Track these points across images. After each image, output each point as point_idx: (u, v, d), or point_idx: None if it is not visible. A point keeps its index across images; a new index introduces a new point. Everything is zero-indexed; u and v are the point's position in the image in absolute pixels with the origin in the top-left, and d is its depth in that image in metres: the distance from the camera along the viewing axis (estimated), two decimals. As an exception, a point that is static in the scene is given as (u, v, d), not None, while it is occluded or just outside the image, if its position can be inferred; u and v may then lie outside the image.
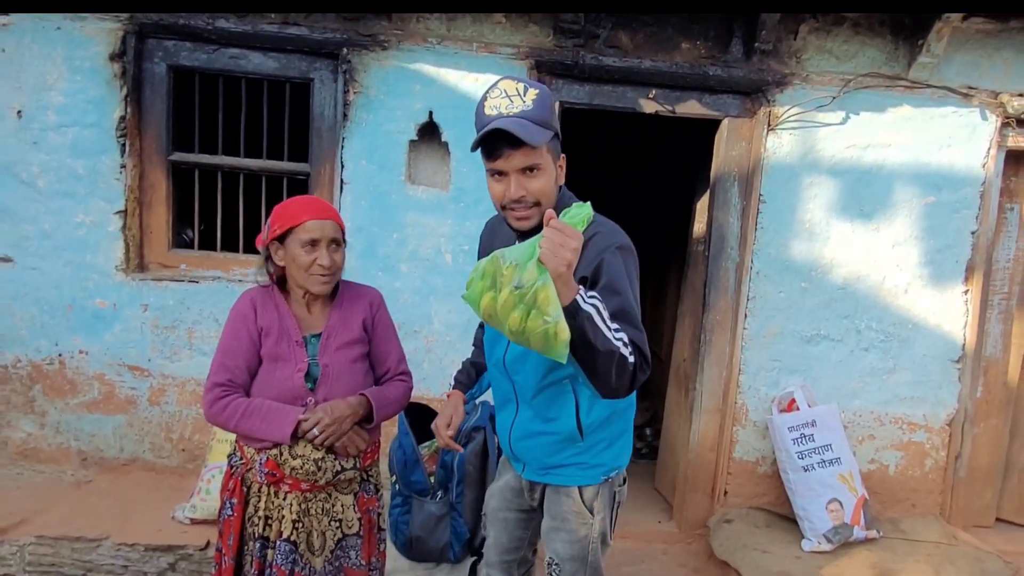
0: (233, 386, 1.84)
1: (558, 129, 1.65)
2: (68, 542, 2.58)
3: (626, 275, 1.61)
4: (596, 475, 1.79)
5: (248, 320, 1.88)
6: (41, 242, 2.99)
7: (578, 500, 1.80)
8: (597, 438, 1.77)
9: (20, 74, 2.89)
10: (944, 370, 3.26)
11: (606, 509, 1.83)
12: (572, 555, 1.83)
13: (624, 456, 1.85)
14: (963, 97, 3.09)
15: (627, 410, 1.82)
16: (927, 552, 2.94)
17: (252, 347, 1.87)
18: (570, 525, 1.81)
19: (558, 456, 1.79)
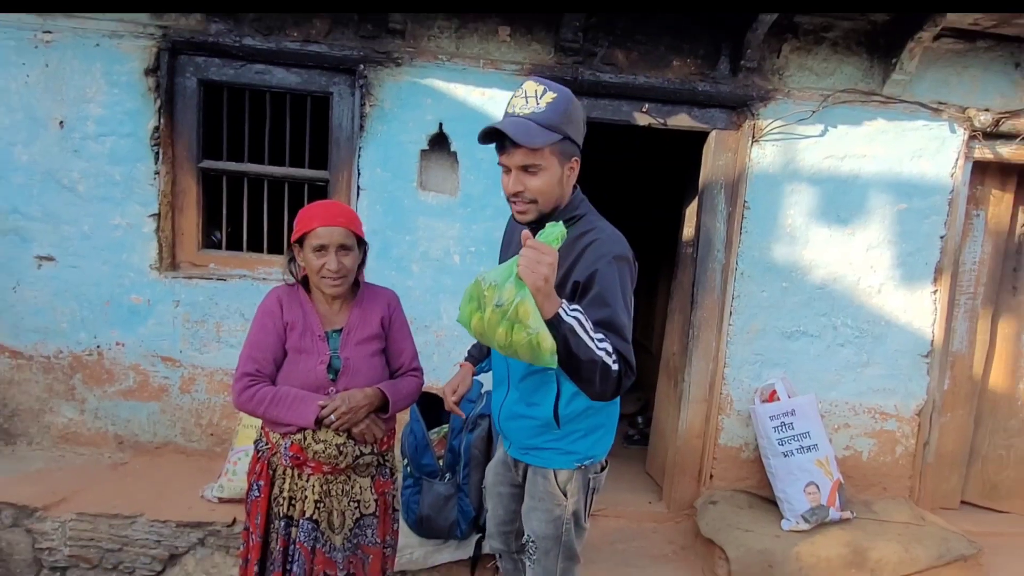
0: (260, 376, 1.84)
1: (571, 133, 1.61)
2: (106, 519, 2.59)
3: (619, 286, 1.59)
4: (570, 461, 1.79)
5: (274, 315, 1.88)
6: (81, 243, 2.98)
7: (553, 482, 1.81)
8: (572, 428, 1.77)
9: (62, 87, 2.88)
10: (914, 364, 3.25)
11: (580, 493, 1.83)
12: (547, 533, 1.85)
13: (599, 447, 1.84)
14: (933, 112, 3.08)
15: (605, 408, 1.80)
16: (897, 532, 2.94)
17: (278, 340, 1.87)
18: (545, 505, 1.83)
19: (537, 439, 1.81)
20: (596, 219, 1.73)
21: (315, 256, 1.82)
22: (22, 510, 2.58)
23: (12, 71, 2.86)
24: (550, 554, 1.88)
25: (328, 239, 1.80)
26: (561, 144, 1.60)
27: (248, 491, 1.94)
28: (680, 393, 3.34)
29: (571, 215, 1.68)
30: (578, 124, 1.64)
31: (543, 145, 1.57)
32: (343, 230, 1.82)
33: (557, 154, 1.61)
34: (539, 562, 1.90)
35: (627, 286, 1.61)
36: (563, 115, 1.60)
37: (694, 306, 3.24)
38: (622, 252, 1.63)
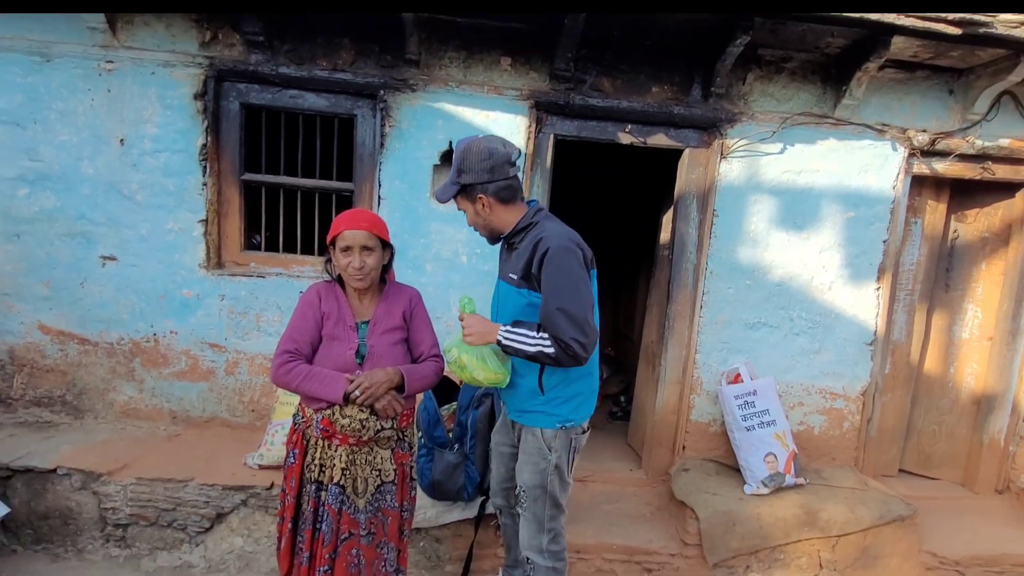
0: (298, 355, 1.85)
1: (465, 181, 1.84)
2: (161, 482, 2.61)
3: (563, 272, 1.75)
4: (553, 422, 1.93)
5: (314, 306, 1.90)
6: (139, 244, 2.98)
7: (540, 439, 1.95)
8: (554, 395, 1.92)
9: (122, 110, 2.87)
10: (859, 351, 3.25)
11: (563, 450, 1.95)
12: (534, 483, 1.97)
13: (579, 413, 1.96)
14: (878, 132, 3.08)
15: (580, 380, 1.93)
16: (844, 495, 2.95)
17: (315, 327, 1.89)
18: (534, 459, 1.96)
19: (527, 403, 1.96)
20: (547, 223, 1.88)
21: (343, 255, 1.85)
22: (89, 475, 2.60)
23: (79, 95, 2.85)
24: (538, 502, 1.99)
25: (352, 241, 1.83)
26: (461, 192, 1.88)
27: (285, 458, 1.96)
28: (657, 376, 3.33)
29: (521, 229, 1.89)
30: (472, 169, 1.83)
31: (449, 198, 1.90)
32: (366, 233, 1.84)
33: (464, 199, 1.90)
34: (529, 509, 2.01)
35: (571, 267, 1.76)
36: (457, 170, 1.85)
37: (670, 301, 3.23)
38: (561, 244, 1.78)
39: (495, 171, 1.83)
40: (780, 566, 2.81)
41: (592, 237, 5.13)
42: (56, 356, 3.04)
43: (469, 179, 1.83)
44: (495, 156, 1.82)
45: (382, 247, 1.90)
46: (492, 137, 1.89)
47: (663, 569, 2.77)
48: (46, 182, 2.90)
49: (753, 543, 2.75)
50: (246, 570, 2.61)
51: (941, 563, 2.85)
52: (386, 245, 1.92)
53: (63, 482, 2.60)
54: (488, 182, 1.83)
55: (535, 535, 2.04)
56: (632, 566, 2.76)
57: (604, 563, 2.76)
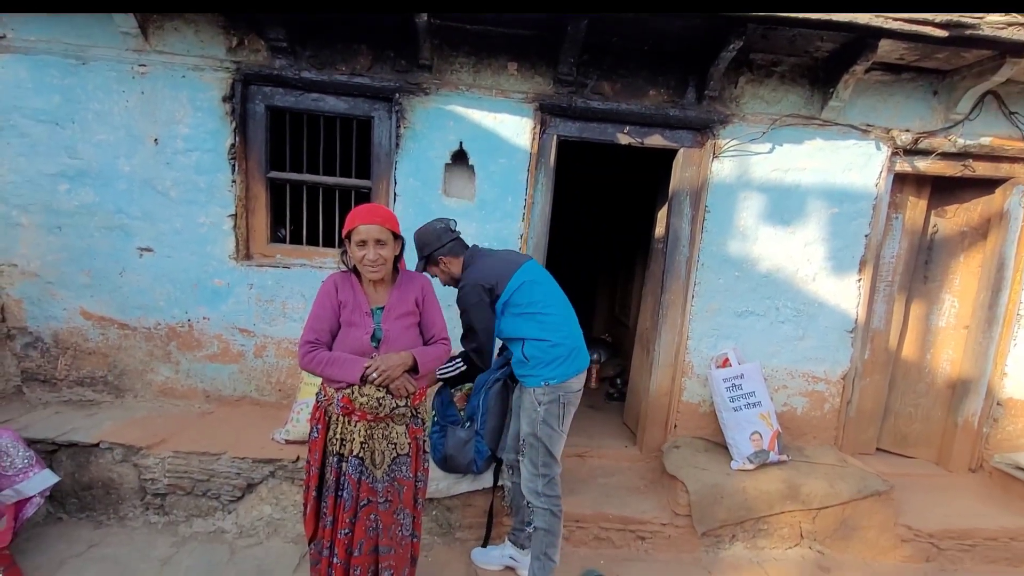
0: (319, 343, 1.89)
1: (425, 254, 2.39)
2: (196, 455, 2.65)
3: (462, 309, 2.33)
4: (539, 381, 2.28)
5: (331, 296, 1.93)
6: (174, 237, 3.00)
7: (532, 395, 2.29)
8: (535, 361, 2.28)
9: (156, 111, 2.88)
10: (840, 338, 3.25)
11: (550, 404, 2.28)
12: (529, 431, 2.31)
13: (558, 371, 2.27)
14: (862, 132, 3.06)
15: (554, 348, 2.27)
16: (824, 472, 2.97)
17: (333, 315, 1.92)
18: (528, 411, 2.31)
19: (520, 369, 2.34)
20: (469, 268, 2.36)
21: (358, 248, 1.87)
22: (130, 449, 2.66)
23: (114, 97, 2.86)
24: (533, 447, 2.31)
25: (366, 235, 1.84)
26: (425, 263, 2.39)
27: (309, 433, 2.01)
28: (651, 360, 3.34)
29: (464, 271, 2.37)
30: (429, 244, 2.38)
31: (421, 271, 2.37)
32: (379, 227, 1.85)
33: (431, 265, 2.41)
34: (527, 455, 2.34)
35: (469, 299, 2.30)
36: (418, 250, 2.40)
37: (663, 290, 3.23)
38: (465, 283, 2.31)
39: (441, 237, 2.37)
40: (764, 535, 2.87)
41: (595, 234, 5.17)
42: (97, 340, 3.08)
43: (429, 250, 2.37)
44: (437, 229, 2.38)
45: (393, 239, 1.91)
46: (432, 220, 2.45)
47: (655, 537, 2.82)
48: (85, 178, 2.91)
49: (739, 514, 2.80)
50: (274, 535, 2.67)
51: (916, 535, 2.88)
52: (397, 237, 1.93)
53: (105, 455, 2.66)
54: (440, 246, 2.37)
55: (532, 478, 2.32)
56: (627, 534, 2.82)
57: (601, 531, 2.81)
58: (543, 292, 2.34)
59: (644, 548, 2.83)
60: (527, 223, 3.07)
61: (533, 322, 2.29)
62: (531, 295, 2.30)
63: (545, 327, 2.29)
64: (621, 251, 5.16)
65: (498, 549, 2.63)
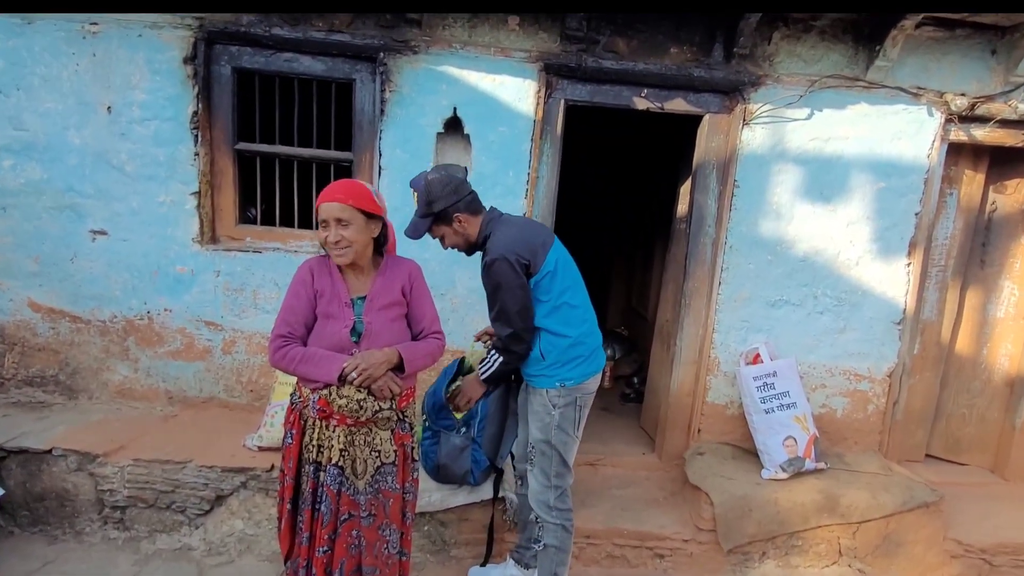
0: (292, 338, 1.86)
1: (436, 209, 2.10)
2: (159, 464, 2.61)
3: (492, 283, 2.10)
4: (554, 382, 2.22)
5: (306, 284, 1.90)
6: (130, 218, 2.96)
7: (545, 398, 2.24)
8: (554, 359, 2.20)
9: (109, 75, 2.82)
10: (887, 330, 3.20)
11: (566, 408, 2.23)
12: (542, 438, 2.26)
13: (576, 372, 2.22)
14: (913, 96, 2.98)
15: (574, 347, 2.21)
16: (866, 481, 2.94)
17: (309, 306, 1.89)
18: (540, 415, 2.26)
19: (532, 368, 2.26)
20: (494, 234, 2.15)
21: (322, 229, 1.85)
22: (85, 456, 2.61)
23: (63, 60, 2.80)
24: (545, 456, 2.27)
25: (327, 213, 1.82)
26: (434, 220, 2.13)
27: (283, 439, 1.97)
28: (672, 356, 3.32)
29: (482, 241, 2.19)
30: (441, 196, 2.10)
31: (424, 232, 2.14)
32: (338, 204, 1.81)
33: (440, 224, 2.16)
34: (537, 464, 2.29)
35: (502, 277, 2.07)
36: (426, 203, 2.11)
37: (686, 277, 3.20)
38: (494, 257, 2.08)
39: (459, 190, 2.14)
40: (798, 552, 2.84)
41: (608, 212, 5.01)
42: (47, 334, 3.06)
43: (442, 204, 2.11)
44: (454, 179, 2.14)
45: (366, 219, 1.86)
46: (440, 167, 2.27)
47: (676, 555, 2.80)
48: (32, 152, 2.87)
49: (770, 529, 2.76)
50: (247, 553, 2.64)
51: (966, 551, 2.85)
52: (372, 217, 1.87)
53: (59, 463, 2.62)
54: (458, 200, 2.13)
55: (543, 490, 2.29)
56: (643, 552, 2.79)
57: (615, 548, 2.78)
58: (571, 279, 2.25)
59: (663, 567, 2.81)
60: (531, 200, 3.01)
61: (556, 314, 2.19)
62: (562, 282, 2.20)
63: (569, 321, 2.21)
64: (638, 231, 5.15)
65: (499, 568, 2.61)
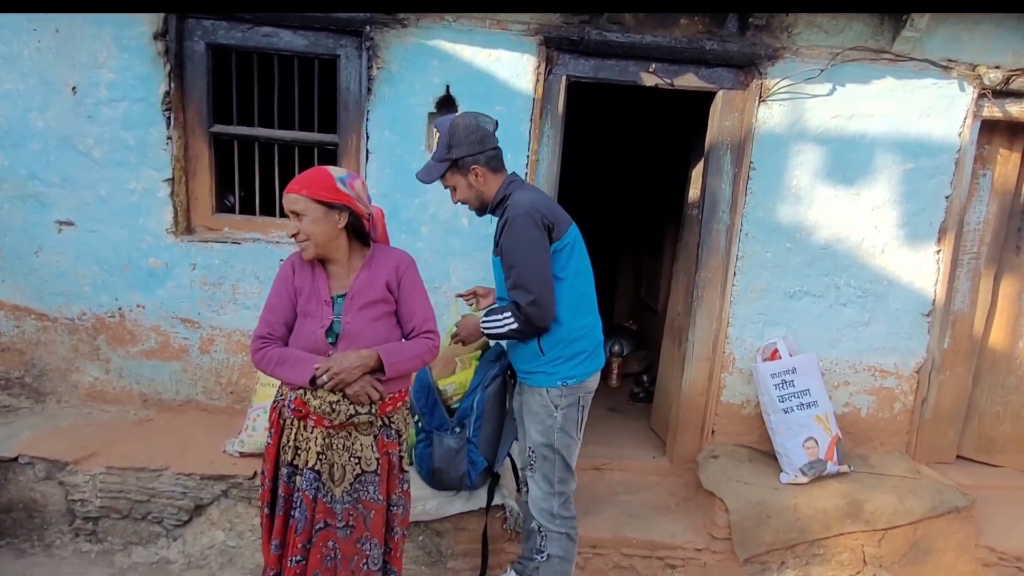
0: (271, 339, 1.89)
1: (456, 155, 2.08)
2: (134, 472, 2.62)
3: (516, 241, 2.04)
4: (555, 380, 2.18)
5: (287, 280, 1.93)
6: (99, 207, 2.96)
7: (545, 398, 2.21)
8: (555, 355, 2.17)
9: (74, 52, 2.82)
10: (915, 323, 3.21)
11: (568, 408, 2.20)
12: (543, 441, 2.24)
13: (580, 369, 2.20)
14: (943, 69, 2.97)
15: (578, 340, 2.19)
16: (893, 484, 2.94)
17: (290, 304, 1.92)
18: (540, 417, 2.23)
19: (529, 364, 2.23)
20: (516, 194, 2.12)
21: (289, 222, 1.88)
22: (54, 464, 2.62)
23: (24, 37, 2.80)
24: (547, 461, 2.26)
25: (287, 206, 1.84)
26: (453, 165, 2.10)
27: (267, 438, 2.00)
28: (684, 352, 3.33)
29: (499, 201, 2.14)
30: (463, 142, 2.07)
31: (437, 177, 2.13)
32: (293, 195, 1.83)
33: (455, 173, 2.12)
34: (539, 470, 2.28)
35: (525, 234, 2.03)
36: (446, 146, 2.08)
37: (698, 267, 3.20)
38: (518, 212, 2.03)
39: (484, 141, 2.11)
40: (819, 562, 2.84)
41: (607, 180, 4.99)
42: (12, 333, 3.07)
43: (461, 152, 2.08)
44: (481, 128, 2.11)
45: (326, 208, 1.83)
46: (471, 112, 2.16)
47: (688, 565, 2.80)
48: None
49: (789, 537, 2.77)
50: (229, 566, 2.64)
51: (1000, 558, 2.86)
52: (332, 206, 1.83)
53: (26, 472, 2.63)
54: (480, 152, 2.10)
55: (546, 497, 2.28)
56: (653, 562, 2.79)
57: (623, 558, 2.79)
58: (585, 264, 2.23)
59: None
60: None
61: (568, 297, 2.14)
62: (578, 262, 2.17)
63: (579, 309, 2.18)
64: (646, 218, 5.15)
65: None
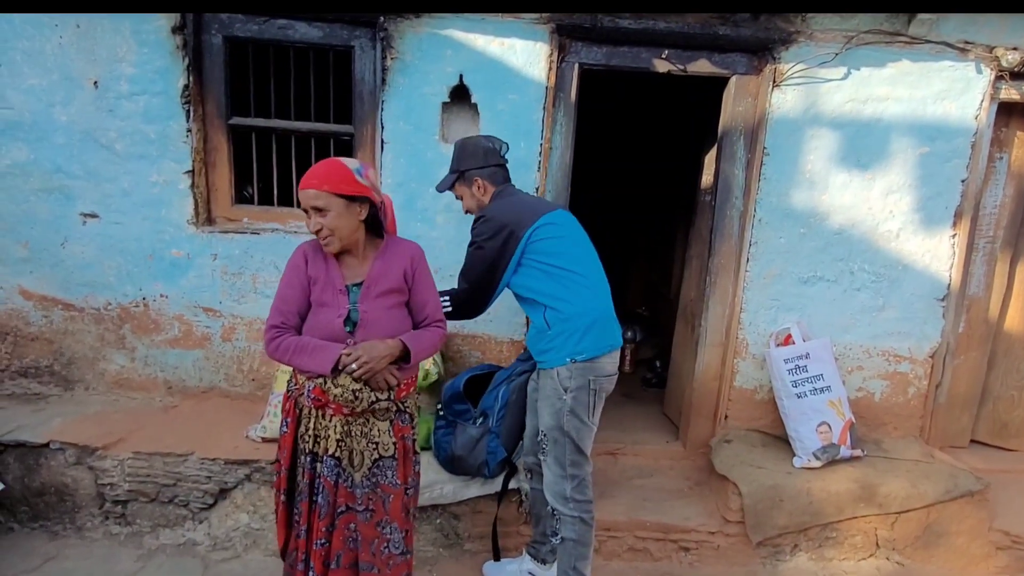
0: (285, 327, 1.90)
1: (462, 167, 2.41)
2: (160, 456, 2.70)
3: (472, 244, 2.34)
4: (563, 357, 2.25)
5: (300, 270, 1.94)
6: (122, 200, 3.02)
7: (556, 380, 2.27)
8: (559, 329, 2.26)
9: (94, 47, 2.86)
10: (929, 307, 3.21)
11: (578, 391, 2.25)
12: (553, 424, 2.29)
13: (585, 343, 2.26)
14: (960, 52, 2.96)
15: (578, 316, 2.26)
16: (906, 469, 2.96)
17: (303, 294, 1.93)
18: (550, 400, 2.29)
19: (539, 343, 2.33)
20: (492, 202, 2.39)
21: (306, 217, 1.90)
22: (84, 449, 2.71)
23: (46, 32, 2.84)
24: (558, 444, 2.30)
25: (305, 202, 1.85)
26: (458, 178, 2.43)
27: (280, 427, 2.05)
28: (697, 337, 3.35)
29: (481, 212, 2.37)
30: (467, 157, 2.42)
31: (447, 187, 2.47)
32: (313, 192, 1.83)
33: (462, 184, 2.44)
34: (550, 453, 2.33)
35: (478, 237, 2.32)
36: (456, 160, 2.45)
37: (711, 253, 3.22)
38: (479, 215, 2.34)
39: (488, 157, 2.41)
40: (832, 545, 2.89)
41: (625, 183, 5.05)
42: (40, 323, 3.15)
43: (465, 165, 2.40)
44: (484, 146, 2.42)
45: (347, 202, 1.86)
46: (484, 135, 2.52)
47: (702, 548, 2.85)
48: (17, 132, 2.93)
49: (802, 520, 2.81)
50: (253, 548, 2.74)
51: (1014, 542, 2.89)
52: (353, 199, 1.87)
53: (57, 457, 2.71)
54: (483, 167, 2.40)
55: (558, 480, 2.32)
56: (667, 544, 2.85)
57: (637, 541, 2.85)
58: (571, 244, 2.35)
59: (688, 560, 2.87)
60: (544, 174, 3.04)
61: (555, 279, 2.28)
62: (557, 245, 2.30)
63: (570, 287, 2.28)
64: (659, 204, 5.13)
65: (515, 563, 2.68)
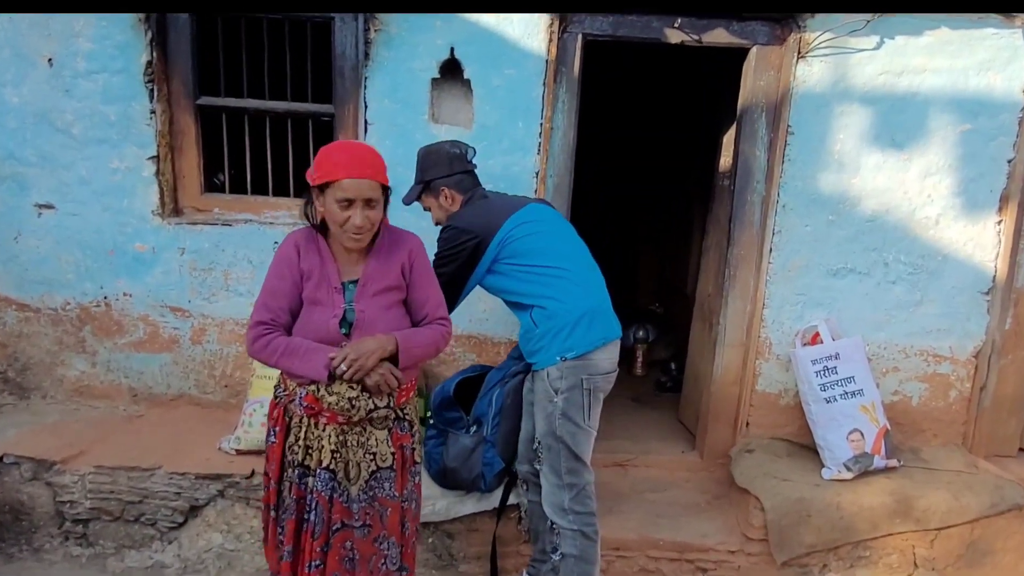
0: (275, 325, 1.86)
1: (427, 177, 2.40)
2: (124, 471, 2.64)
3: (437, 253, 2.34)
4: (553, 356, 2.24)
5: (291, 263, 1.89)
6: (80, 188, 2.99)
7: (546, 382, 2.27)
8: (545, 328, 2.25)
9: (48, 21, 2.83)
10: (973, 302, 3.12)
11: (570, 392, 2.24)
12: (546, 430, 2.30)
13: (572, 342, 2.23)
14: (1004, 18, 2.82)
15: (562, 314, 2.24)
16: (947, 480, 2.89)
17: (294, 289, 1.89)
18: (543, 403, 2.30)
19: (529, 343, 2.32)
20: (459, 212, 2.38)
21: (339, 208, 1.79)
22: (41, 464, 2.65)
23: None
24: (552, 450, 2.29)
25: (356, 193, 1.78)
26: (424, 189, 2.42)
27: (266, 437, 1.99)
28: (715, 337, 3.29)
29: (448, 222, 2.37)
30: (431, 167, 2.40)
31: (414, 199, 2.46)
32: (370, 183, 1.79)
33: (428, 196, 2.43)
34: (546, 462, 2.33)
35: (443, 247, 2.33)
36: (420, 170, 2.44)
37: (731, 243, 3.14)
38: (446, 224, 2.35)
39: (453, 164, 2.38)
40: (865, 564, 2.83)
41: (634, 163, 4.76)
42: None
43: (431, 175, 2.39)
44: (448, 153, 2.40)
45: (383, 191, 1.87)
46: (447, 140, 2.52)
47: (721, 568, 2.80)
48: None
49: (832, 537, 2.76)
50: (227, 570, 2.69)
51: None
52: (386, 190, 1.89)
53: (11, 472, 2.67)
54: (448, 175, 2.37)
55: (555, 491, 2.31)
56: (683, 565, 2.79)
57: (649, 561, 2.79)
58: (551, 239, 2.36)
59: None
60: (544, 156, 2.98)
61: (538, 279, 2.29)
62: (534, 243, 2.31)
63: (554, 285, 2.28)
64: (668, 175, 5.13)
65: None
